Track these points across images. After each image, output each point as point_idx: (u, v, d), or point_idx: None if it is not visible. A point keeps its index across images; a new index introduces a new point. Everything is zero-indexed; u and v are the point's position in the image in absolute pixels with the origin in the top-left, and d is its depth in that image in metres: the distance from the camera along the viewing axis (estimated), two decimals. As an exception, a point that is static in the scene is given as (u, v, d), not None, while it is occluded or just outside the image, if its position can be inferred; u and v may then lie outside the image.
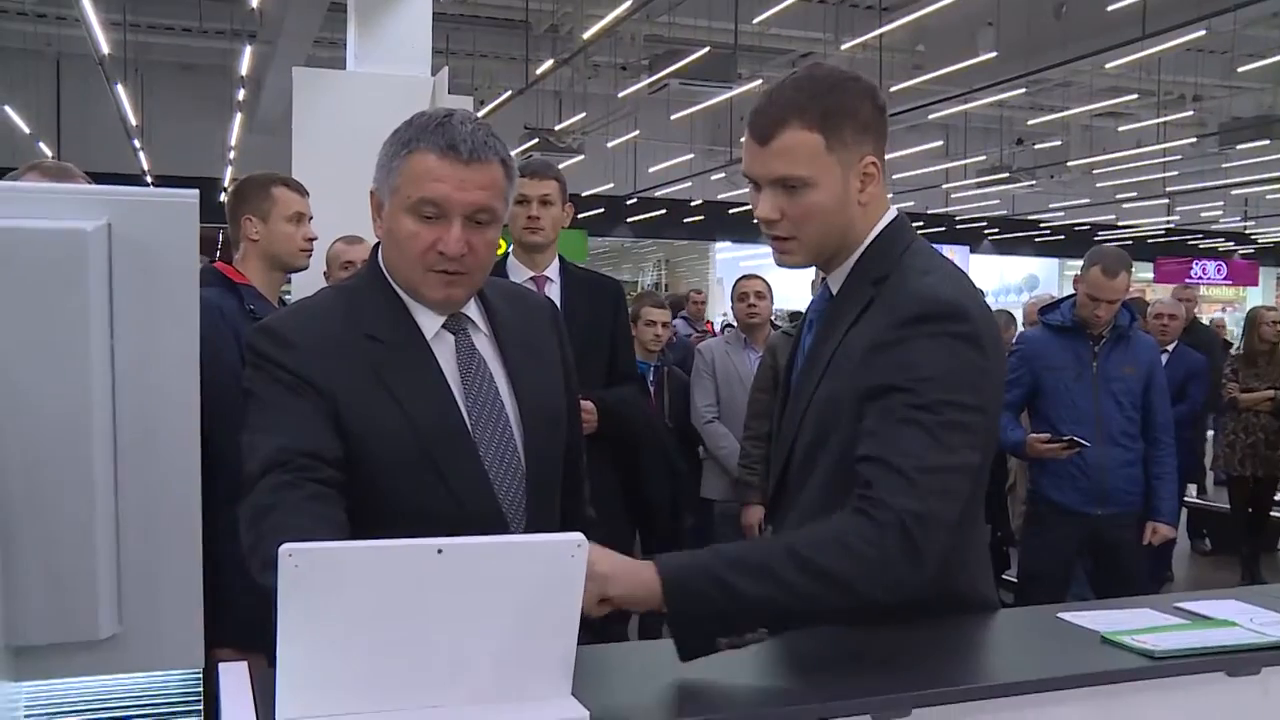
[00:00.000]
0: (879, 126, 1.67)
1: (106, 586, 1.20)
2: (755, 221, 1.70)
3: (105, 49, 11.24)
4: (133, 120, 15.43)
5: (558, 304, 3.12)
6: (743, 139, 1.70)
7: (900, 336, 1.54)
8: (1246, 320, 7.04)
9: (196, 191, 1.22)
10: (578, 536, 1.21)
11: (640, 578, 1.42)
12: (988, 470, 1.68)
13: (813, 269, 1.81)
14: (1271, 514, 6.91)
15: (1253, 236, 30.41)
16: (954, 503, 1.53)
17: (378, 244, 1.76)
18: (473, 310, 1.78)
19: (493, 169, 1.65)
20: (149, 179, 17.96)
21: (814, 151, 1.61)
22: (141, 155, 17.69)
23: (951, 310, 1.56)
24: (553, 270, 3.19)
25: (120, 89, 13.65)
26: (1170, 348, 6.12)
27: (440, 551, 1.16)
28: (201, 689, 1.34)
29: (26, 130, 16.49)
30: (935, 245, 1.76)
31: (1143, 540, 4.24)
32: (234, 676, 1.30)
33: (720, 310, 20.24)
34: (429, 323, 1.72)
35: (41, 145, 16.90)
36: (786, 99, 1.62)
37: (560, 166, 3.40)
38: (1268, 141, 16.77)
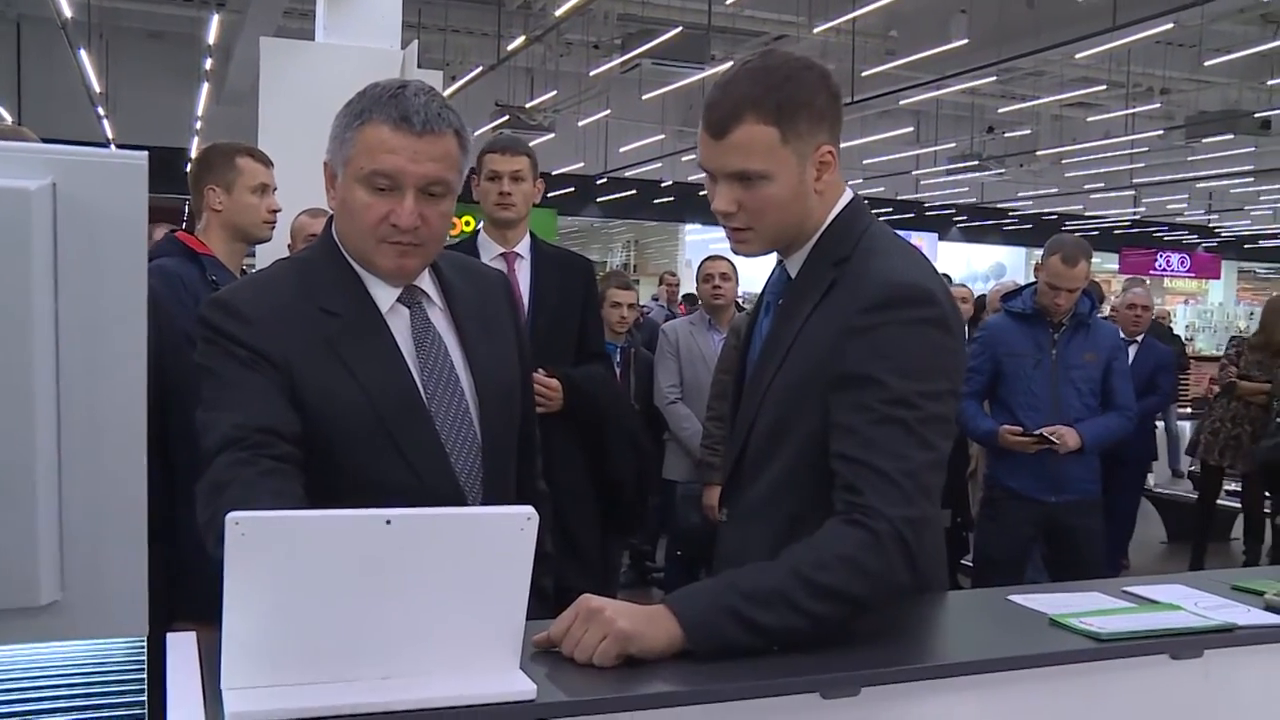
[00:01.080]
0: (834, 114, 1.64)
1: (48, 552, 1.18)
2: (714, 213, 1.69)
3: (68, 13, 11.04)
4: (96, 87, 15.19)
5: (528, 281, 3.14)
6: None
7: (871, 323, 1.53)
8: (1266, 308, 6.87)
9: (145, 153, 1.19)
10: (527, 509, 1.20)
11: (661, 629, 1.37)
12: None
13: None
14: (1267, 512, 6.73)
15: (1216, 230, 30.76)
16: (937, 498, 1.55)
17: (332, 216, 1.75)
18: (427, 284, 1.78)
19: (446, 141, 1.65)
20: (113, 148, 17.70)
21: (770, 145, 1.58)
22: (106, 123, 17.43)
23: (920, 294, 1.56)
24: (523, 247, 3.19)
25: (84, 55, 13.42)
26: (1139, 339, 6.12)
27: (389, 522, 1.15)
28: (145, 657, 1.33)
29: (-14, 94, 16.22)
30: (904, 231, 1.77)
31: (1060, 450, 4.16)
32: (181, 646, 1.29)
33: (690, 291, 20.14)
34: (384, 296, 1.72)
35: (1, 110, 16.61)
36: (741, 92, 1.59)
37: (530, 144, 3.40)
38: (1232, 136, 16.95)
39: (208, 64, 15.28)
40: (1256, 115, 16.16)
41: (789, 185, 1.61)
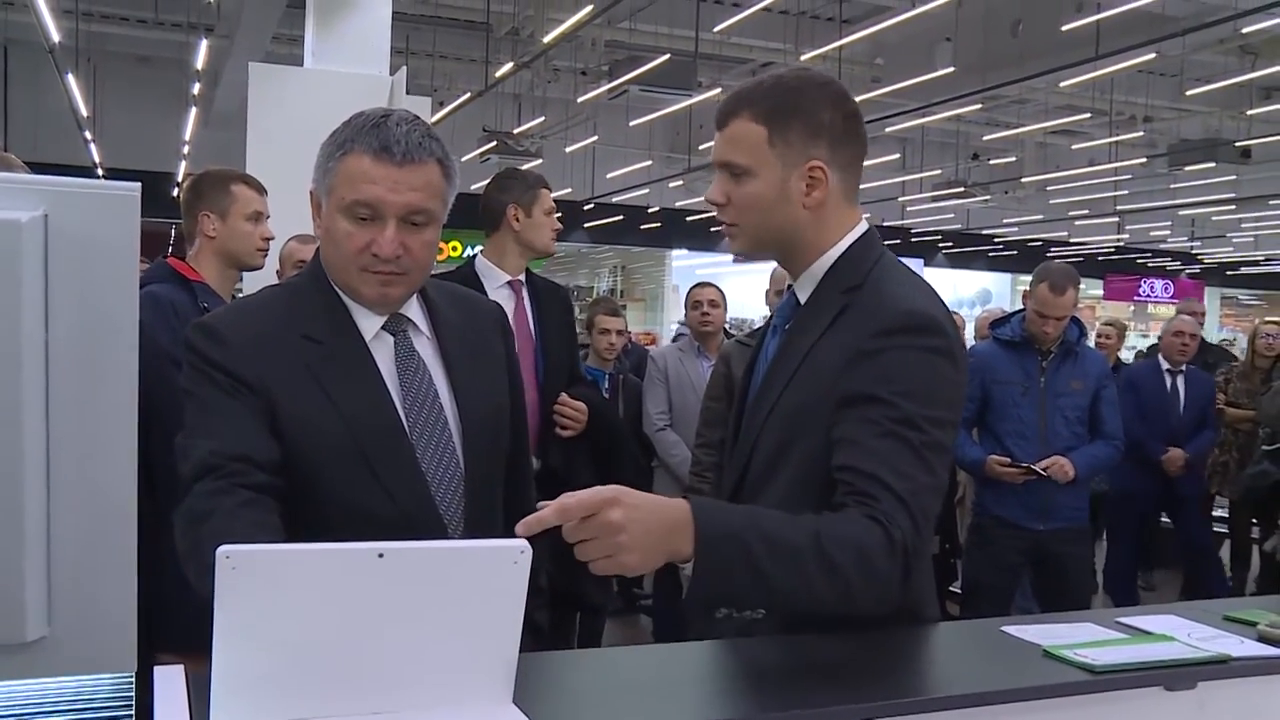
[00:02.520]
0: (839, 133, 1.67)
1: (35, 588, 1.17)
2: (706, 202, 1.74)
3: (56, 37, 11.01)
4: (84, 111, 15.16)
5: (530, 307, 3.20)
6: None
7: (881, 346, 1.55)
8: (1250, 337, 6.85)
9: (138, 184, 1.19)
10: (521, 543, 1.19)
11: (666, 552, 1.37)
12: None
13: (769, 280, 1.83)
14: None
15: (1199, 256, 30.97)
16: (933, 525, 1.56)
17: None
18: (415, 312, 1.78)
19: (428, 170, 1.65)
20: (100, 172, 17.68)
21: (755, 142, 1.64)
22: (93, 147, 17.39)
23: (930, 324, 1.58)
24: (522, 275, 3.29)
25: (71, 79, 13.40)
26: (1184, 369, 6.01)
27: (381, 556, 1.14)
28: (134, 693, 1.31)
29: (-28, 118, 16.17)
30: (889, 258, 1.77)
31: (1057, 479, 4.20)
32: (169, 680, 1.27)
33: (674, 318, 20.13)
34: (368, 324, 1.71)
35: (-12, 134, 16.57)
36: (746, 91, 1.67)
37: (518, 170, 3.49)
38: (1213, 164, 17.08)
39: (195, 89, 15.27)
40: (1237, 144, 16.29)
41: (771, 187, 1.65)
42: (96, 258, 1.18)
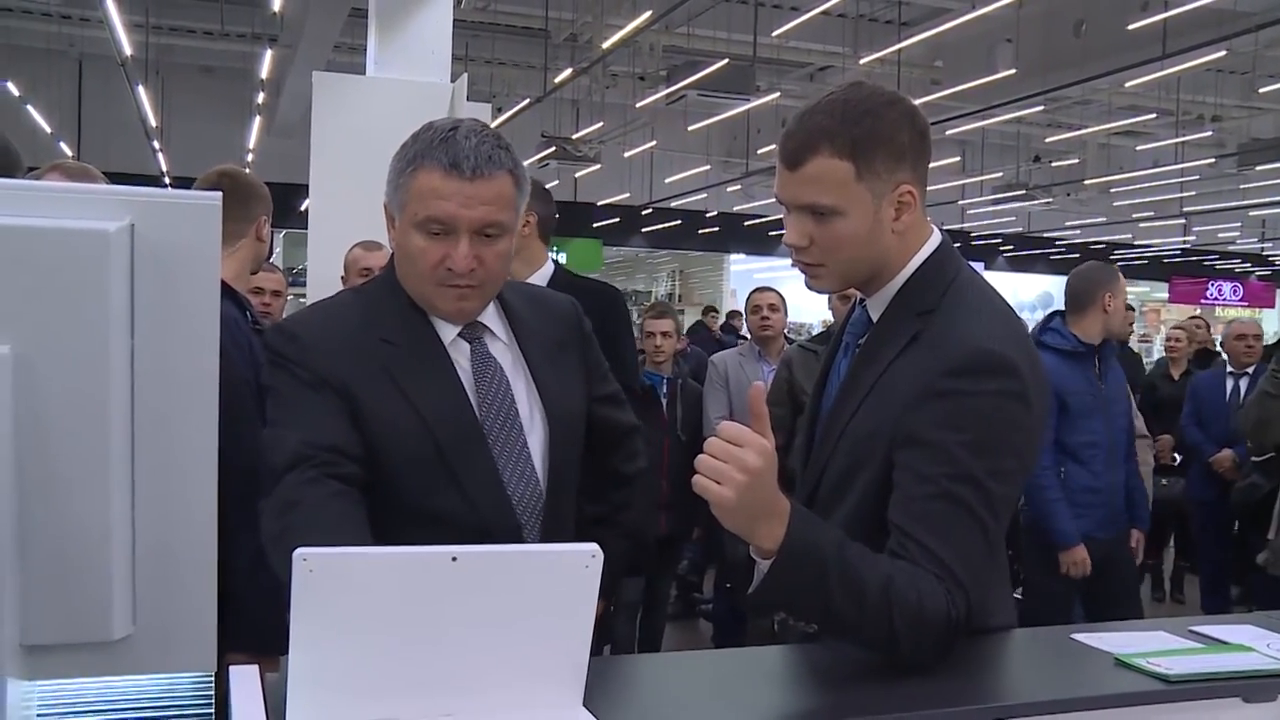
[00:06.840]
0: (918, 152, 1.59)
1: (121, 587, 1.20)
2: (785, 246, 1.67)
3: (128, 50, 11.30)
4: (153, 121, 15.52)
5: None
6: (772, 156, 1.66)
7: (950, 388, 1.48)
8: None
9: (219, 194, 1.22)
10: (592, 547, 1.20)
11: (756, 534, 1.39)
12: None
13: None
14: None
15: (1270, 258, 30.29)
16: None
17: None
18: (491, 318, 1.79)
19: (499, 182, 1.65)
20: (167, 180, 18.07)
21: (843, 180, 1.53)
22: (160, 156, 17.79)
23: (1003, 365, 1.50)
24: (539, 278, 3.13)
25: (141, 90, 13.72)
26: (1250, 370, 5.86)
27: (455, 560, 1.15)
28: (213, 693, 1.34)
29: (48, 130, 16.60)
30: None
31: (1132, 548, 4.23)
32: (244, 680, 1.29)
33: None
34: (445, 330, 1.73)
35: (62, 145, 17.00)
36: (817, 123, 1.54)
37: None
38: (1287, 163, 16.71)
39: (260, 98, 15.57)
40: (1311, 142, 15.94)
41: (862, 223, 1.56)
42: (180, 266, 1.21)
